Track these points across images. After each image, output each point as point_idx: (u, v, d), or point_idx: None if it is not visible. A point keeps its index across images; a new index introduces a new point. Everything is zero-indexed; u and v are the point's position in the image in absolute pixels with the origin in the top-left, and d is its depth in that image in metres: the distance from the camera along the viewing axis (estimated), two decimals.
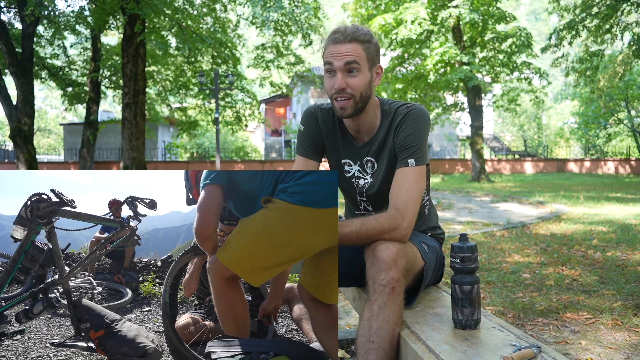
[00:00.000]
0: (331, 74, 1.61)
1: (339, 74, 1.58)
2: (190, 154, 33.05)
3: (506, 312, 2.77)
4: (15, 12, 15.60)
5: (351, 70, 1.58)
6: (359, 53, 1.58)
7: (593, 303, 2.88)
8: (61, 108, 41.63)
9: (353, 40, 1.58)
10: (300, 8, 14.79)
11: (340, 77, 1.58)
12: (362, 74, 1.60)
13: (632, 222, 6.28)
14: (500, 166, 26.08)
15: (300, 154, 1.82)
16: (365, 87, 1.61)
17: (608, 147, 31.37)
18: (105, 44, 19.93)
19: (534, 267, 3.87)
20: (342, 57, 1.57)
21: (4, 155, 28.05)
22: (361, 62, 1.58)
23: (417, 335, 1.37)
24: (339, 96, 1.60)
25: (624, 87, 23.55)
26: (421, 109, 1.67)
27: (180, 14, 14.56)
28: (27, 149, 14.80)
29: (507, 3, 32.09)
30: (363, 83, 1.60)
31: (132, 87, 14.03)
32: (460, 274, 1.40)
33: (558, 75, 51.64)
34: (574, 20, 16.08)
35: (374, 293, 1.43)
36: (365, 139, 1.74)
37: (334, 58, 1.58)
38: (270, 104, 38.16)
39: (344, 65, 1.57)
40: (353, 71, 1.58)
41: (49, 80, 19.51)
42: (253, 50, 17.25)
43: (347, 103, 1.60)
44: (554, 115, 42.99)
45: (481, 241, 5.15)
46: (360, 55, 1.58)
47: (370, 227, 1.50)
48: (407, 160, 1.61)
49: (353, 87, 1.59)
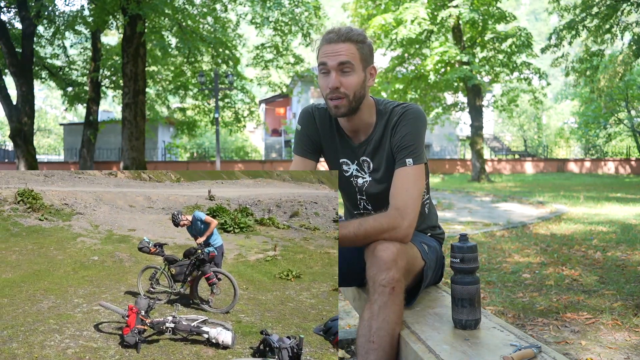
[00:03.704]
0: (325, 73, 1.61)
1: (333, 73, 1.58)
2: (190, 154, 33.06)
3: (506, 312, 2.77)
4: (15, 12, 15.59)
5: (345, 70, 1.58)
6: (352, 53, 1.58)
7: (593, 303, 2.88)
8: (61, 108, 41.62)
9: (347, 40, 1.58)
10: (301, 7, 14.78)
11: (334, 77, 1.58)
12: (356, 74, 1.60)
13: (632, 222, 6.28)
14: (500, 166, 26.07)
15: (298, 153, 1.83)
16: (359, 87, 1.61)
17: (608, 147, 31.35)
18: (105, 44, 19.92)
19: (534, 267, 3.87)
20: (335, 57, 1.57)
21: (4, 155, 28.05)
22: (354, 62, 1.59)
23: (417, 335, 1.36)
24: (333, 95, 1.60)
25: (624, 87, 23.54)
26: (417, 109, 1.67)
27: (180, 13, 14.55)
28: (27, 149, 14.78)
29: (507, 3, 32.07)
30: (356, 83, 1.60)
31: (132, 87, 14.02)
32: (460, 274, 1.40)
33: (558, 75, 51.61)
34: (574, 20, 16.08)
35: (374, 293, 1.43)
36: (361, 138, 1.74)
37: (327, 58, 1.58)
38: (270, 104, 38.15)
39: (338, 65, 1.58)
40: (347, 71, 1.59)
41: (49, 80, 19.50)
42: (252, 50, 17.25)
43: (341, 102, 1.60)
44: (554, 115, 42.96)
45: (481, 241, 5.14)
46: (353, 55, 1.59)
47: (369, 227, 1.50)
48: (405, 160, 1.61)
49: (346, 87, 1.59)
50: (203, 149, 34.64)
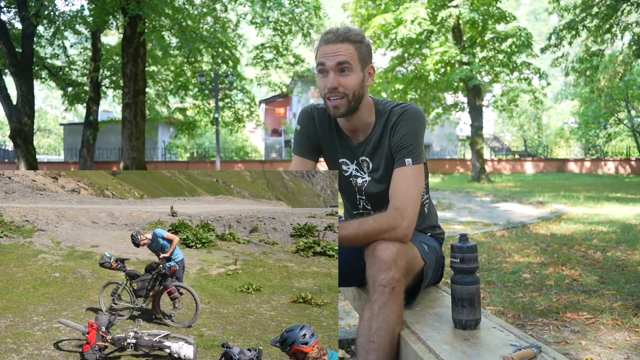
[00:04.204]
0: (324, 74, 1.62)
1: (332, 73, 1.58)
2: (190, 154, 33.07)
3: (506, 312, 2.77)
4: (15, 12, 15.59)
5: (343, 69, 1.59)
6: (350, 53, 1.59)
7: (593, 303, 2.88)
8: (61, 108, 41.63)
9: (345, 40, 1.58)
10: (300, 7, 14.78)
11: (332, 77, 1.58)
12: (354, 74, 1.60)
13: (632, 222, 6.28)
14: (500, 166, 26.08)
15: (297, 153, 1.83)
16: (358, 87, 1.61)
17: (608, 147, 31.35)
18: (105, 44, 19.92)
19: (534, 267, 3.87)
20: (334, 57, 1.58)
21: (4, 155, 28.05)
22: (353, 62, 1.59)
23: (417, 335, 1.37)
24: (332, 95, 1.60)
25: (624, 87, 23.53)
26: (416, 109, 1.68)
27: (180, 14, 14.56)
28: (27, 149, 14.79)
29: (507, 3, 32.06)
30: (355, 82, 1.61)
31: (132, 87, 14.03)
32: (460, 274, 1.40)
33: (558, 75, 51.60)
34: (574, 20, 16.08)
35: (374, 293, 1.43)
36: (360, 138, 1.74)
37: (326, 58, 1.59)
38: (270, 104, 38.16)
39: (336, 65, 1.58)
40: (345, 71, 1.59)
41: (49, 80, 19.51)
42: (252, 50, 17.25)
43: (340, 102, 1.61)
44: (554, 115, 42.96)
45: (481, 241, 5.14)
46: (352, 55, 1.59)
47: (368, 227, 1.51)
48: (405, 160, 1.61)
49: (345, 86, 1.59)
50: (203, 149, 34.65)
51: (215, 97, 17.62)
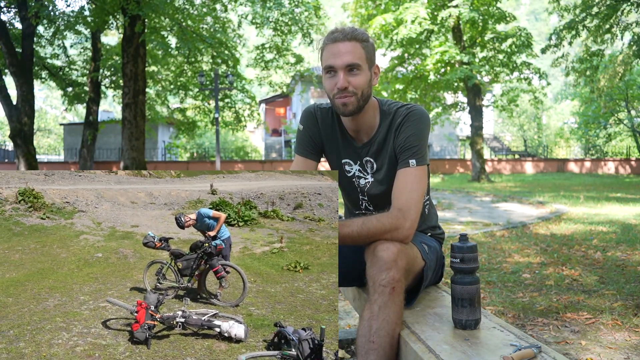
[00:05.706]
0: (331, 74, 1.60)
1: (341, 73, 1.58)
2: (190, 154, 33.05)
3: (506, 312, 2.77)
4: (15, 12, 15.58)
5: (352, 69, 1.58)
6: (359, 52, 1.58)
7: (593, 303, 2.88)
8: (61, 108, 41.62)
9: (352, 39, 1.58)
10: (301, 7, 14.78)
11: (342, 77, 1.57)
12: (363, 73, 1.60)
13: (632, 222, 6.28)
14: (500, 166, 26.07)
15: (300, 153, 1.82)
16: (366, 86, 1.61)
17: (608, 147, 31.34)
18: (105, 44, 19.92)
19: (534, 267, 3.87)
20: (343, 57, 1.57)
21: (4, 155, 28.04)
22: (361, 61, 1.59)
23: (417, 335, 1.37)
24: (341, 94, 1.60)
25: (624, 87, 23.53)
26: (421, 110, 1.67)
27: (180, 14, 14.55)
28: (27, 149, 14.78)
29: (507, 3, 32.07)
30: (364, 81, 1.60)
31: (132, 87, 14.02)
32: (460, 274, 1.40)
33: (558, 75, 51.61)
34: (574, 20, 16.08)
35: (374, 293, 1.43)
36: (364, 139, 1.74)
37: (334, 58, 1.58)
38: (270, 104, 38.14)
39: (346, 65, 1.57)
40: (354, 70, 1.58)
41: (49, 80, 19.50)
42: (252, 50, 17.25)
43: (350, 100, 1.60)
44: (554, 115, 42.95)
45: (481, 241, 5.14)
46: (360, 54, 1.58)
47: (371, 226, 1.50)
48: (409, 161, 1.61)
49: (355, 86, 1.59)
50: (203, 149, 34.63)
51: (215, 97, 17.61)
